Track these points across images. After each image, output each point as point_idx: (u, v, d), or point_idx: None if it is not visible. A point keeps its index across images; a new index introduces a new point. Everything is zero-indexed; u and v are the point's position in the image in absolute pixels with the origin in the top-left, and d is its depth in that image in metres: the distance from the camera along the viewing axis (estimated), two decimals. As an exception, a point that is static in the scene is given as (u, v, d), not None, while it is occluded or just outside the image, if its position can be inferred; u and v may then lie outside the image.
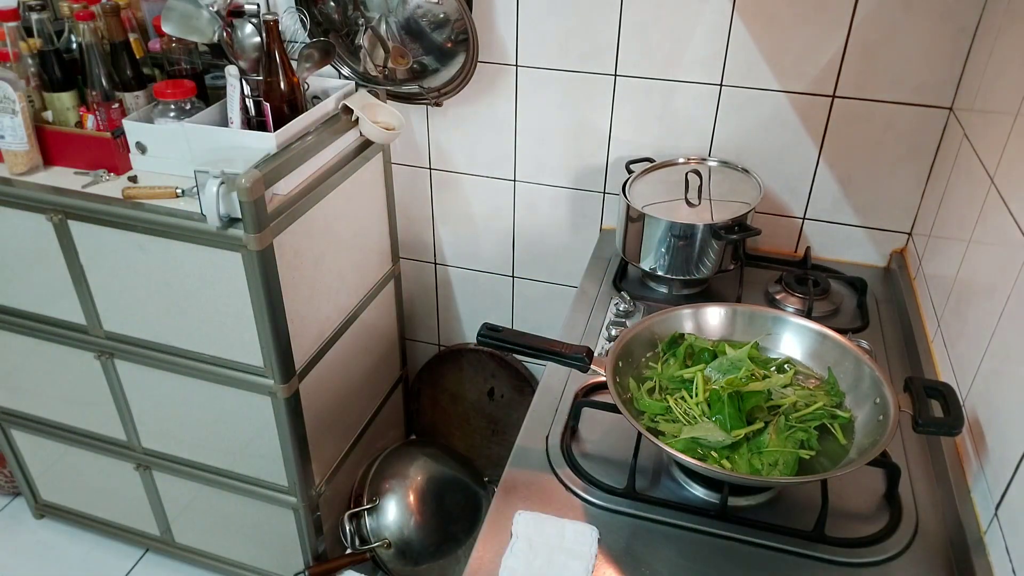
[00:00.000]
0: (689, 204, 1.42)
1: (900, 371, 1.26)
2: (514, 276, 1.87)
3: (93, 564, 2.05)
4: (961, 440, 1.06)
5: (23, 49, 1.50)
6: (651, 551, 0.95)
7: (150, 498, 1.89)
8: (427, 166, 1.78)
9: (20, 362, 1.76)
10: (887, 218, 1.51)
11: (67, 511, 2.08)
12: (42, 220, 1.47)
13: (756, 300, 1.43)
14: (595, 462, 1.08)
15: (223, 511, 1.81)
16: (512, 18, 1.53)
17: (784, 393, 1.04)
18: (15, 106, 1.44)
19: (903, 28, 1.32)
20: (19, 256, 1.57)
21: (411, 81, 1.61)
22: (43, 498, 2.10)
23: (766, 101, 1.46)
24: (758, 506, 1.01)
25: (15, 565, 2.06)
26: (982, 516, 0.95)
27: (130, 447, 1.79)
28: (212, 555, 1.96)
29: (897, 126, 1.41)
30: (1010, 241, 0.99)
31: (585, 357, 1.03)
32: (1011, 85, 1.09)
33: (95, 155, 1.52)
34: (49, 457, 1.95)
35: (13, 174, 1.50)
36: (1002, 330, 0.98)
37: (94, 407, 1.74)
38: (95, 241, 1.47)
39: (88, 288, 1.54)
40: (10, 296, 1.65)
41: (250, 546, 1.86)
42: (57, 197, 1.44)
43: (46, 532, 2.14)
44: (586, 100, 1.57)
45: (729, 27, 1.41)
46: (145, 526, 1.98)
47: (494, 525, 0.98)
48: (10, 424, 1.91)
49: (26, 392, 1.82)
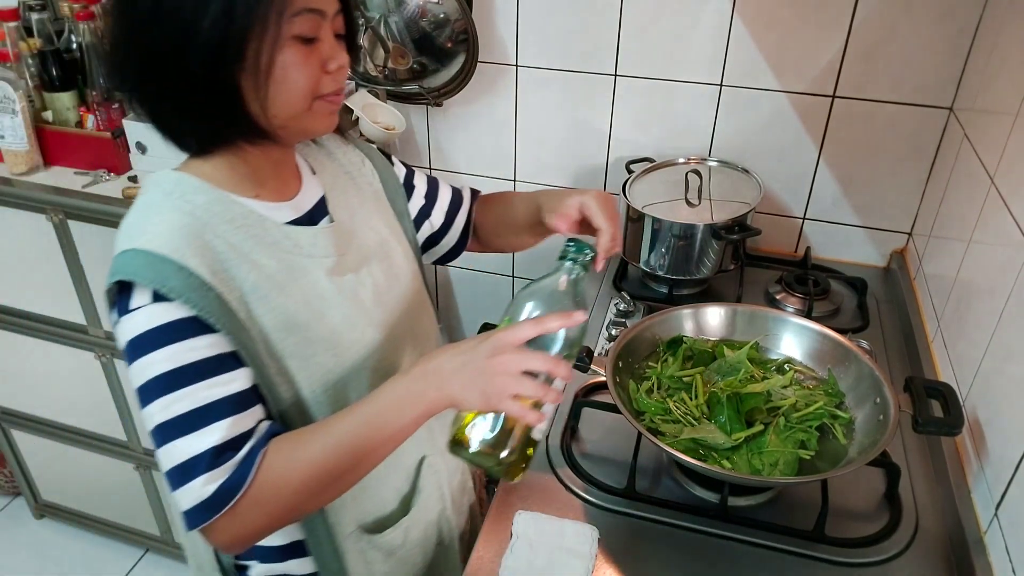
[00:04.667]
0: (689, 204, 1.42)
1: (900, 371, 1.26)
2: (514, 276, 1.87)
3: (93, 564, 2.05)
4: (961, 440, 1.06)
5: (23, 49, 1.50)
6: (651, 551, 0.95)
7: (150, 498, 1.89)
8: (427, 166, 1.78)
9: (20, 362, 1.76)
10: (887, 218, 1.51)
11: (67, 511, 2.08)
12: (42, 220, 1.47)
13: (756, 300, 1.43)
14: (595, 462, 1.08)
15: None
16: (512, 18, 1.53)
17: (784, 394, 1.04)
18: (15, 106, 1.44)
19: (903, 28, 1.32)
20: (19, 256, 1.57)
21: (411, 81, 1.61)
22: (43, 498, 2.10)
23: (766, 101, 1.46)
24: (758, 506, 1.01)
25: (15, 565, 2.06)
26: (982, 516, 0.95)
27: (130, 447, 1.79)
28: (212, 555, 1.96)
29: (897, 126, 1.41)
30: (1010, 241, 0.99)
31: (585, 357, 1.03)
32: (1011, 85, 1.09)
33: (95, 155, 1.52)
34: (49, 457, 1.95)
35: (13, 174, 1.50)
36: (1002, 330, 0.98)
37: (94, 407, 1.74)
38: (95, 241, 1.47)
39: (88, 288, 1.54)
40: (10, 296, 1.65)
41: (250, 546, 1.86)
42: (57, 197, 1.44)
43: (46, 532, 2.14)
44: (586, 100, 1.57)
45: (729, 27, 1.41)
46: (145, 526, 1.98)
47: (494, 525, 0.98)
48: (10, 424, 1.91)
49: (26, 392, 1.82)
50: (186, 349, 0.73)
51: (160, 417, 0.72)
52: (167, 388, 0.72)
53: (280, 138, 0.81)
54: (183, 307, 0.73)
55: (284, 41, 0.74)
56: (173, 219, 0.76)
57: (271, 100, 0.76)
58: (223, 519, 0.72)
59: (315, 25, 0.76)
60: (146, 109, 0.79)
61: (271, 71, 0.74)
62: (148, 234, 0.75)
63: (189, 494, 0.72)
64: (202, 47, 0.72)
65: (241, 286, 0.77)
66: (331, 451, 0.75)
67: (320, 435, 0.76)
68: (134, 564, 2.05)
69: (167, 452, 0.73)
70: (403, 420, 0.75)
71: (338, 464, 0.75)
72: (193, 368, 0.73)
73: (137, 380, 0.74)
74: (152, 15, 0.72)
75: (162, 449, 0.73)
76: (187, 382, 0.72)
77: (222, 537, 0.75)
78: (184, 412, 0.72)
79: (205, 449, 0.72)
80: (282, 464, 0.74)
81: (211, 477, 0.72)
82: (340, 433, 0.75)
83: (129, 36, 0.74)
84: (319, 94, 0.79)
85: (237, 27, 0.71)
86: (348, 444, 0.75)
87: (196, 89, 0.74)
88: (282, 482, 0.74)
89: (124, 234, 0.77)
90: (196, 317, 0.73)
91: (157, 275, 0.72)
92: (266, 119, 0.78)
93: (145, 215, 0.78)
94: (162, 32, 0.72)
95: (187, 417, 0.72)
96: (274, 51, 0.74)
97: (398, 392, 0.76)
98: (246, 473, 0.72)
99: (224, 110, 0.76)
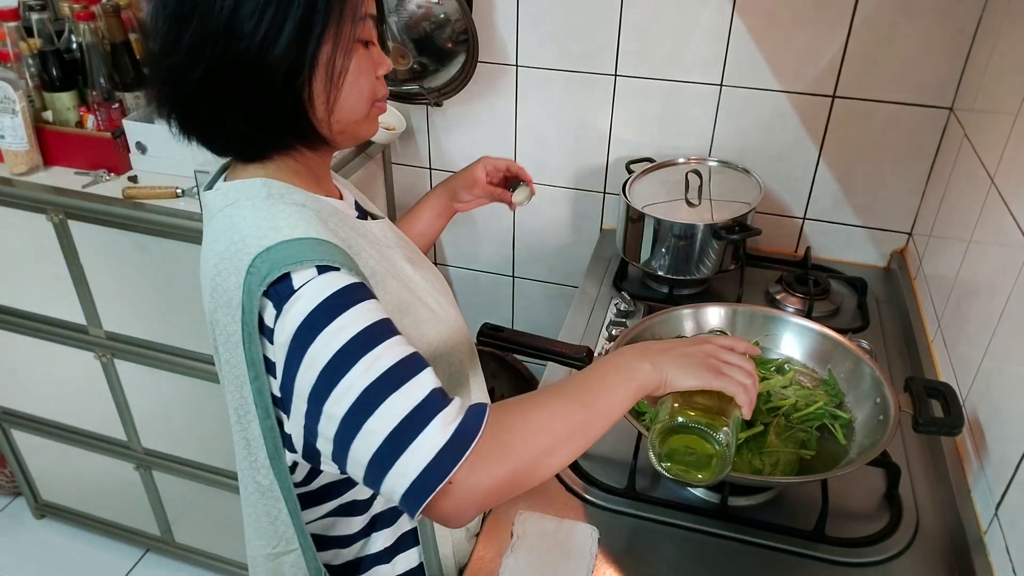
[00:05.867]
0: (689, 204, 1.42)
1: (900, 371, 1.26)
2: (514, 276, 1.87)
3: (93, 564, 2.05)
4: (961, 440, 1.06)
5: (23, 49, 1.50)
6: (651, 551, 0.95)
7: (150, 498, 1.89)
8: (427, 166, 1.78)
9: (20, 362, 1.76)
10: (887, 218, 1.51)
11: (67, 511, 2.08)
12: (42, 220, 1.47)
13: (756, 300, 1.43)
14: (595, 462, 1.08)
15: (223, 511, 1.81)
16: (512, 18, 1.53)
17: (784, 394, 1.04)
18: (15, 106, 1.44)
19: (903, 28, 1.32)
20: (19, 256, 1.57)
21: (411, 81, 1.61)
22: (43, 498, 2.10)
23: (766, 101, 1.46)
24: (758, 506, 1.01)
25: (15, 565, 2.06)
26: (982, 516, 0.95)
27: (130, 447, 1.79)
28: (212, 555, 1.96)
29: (897, 126, 1.41)
30: (1010, 241, 0.99)
31: (585, 357, 1.03)
32: (1011, 85, 1.09)
33: (95, 155, 1.52)
34: (49, 457, 1.95)
35: (13, 174, 1.50)
36: (1002, 330, 0.98)
37: (94, 407, 1.74)
38: (95, 241, 1.47)
39: (88, 288, 1.54)
40: (10, 296, 1.65)
41: (250, 546, 1.86)
42: (57, 197, 1.44)
43: (46, 532, 2.14)
44: (586, 100, 1.57)
45: (729, 27, 1.41)
46: (145, 526, 1.98)
47: (494, 525, 0.98)
48: (10, 424, 1.91)
49: (26, 392, 1.82)
50: (368, 309, 0.70)
51: (364, 380, 0.66)
52: (367, 346, 0.67)
53: (337, 143, 0.81)
54: (351, 275, 0.71)
55: (353, 46, 0.75)
56: (297, 211, 0.74)
57: (339, 106, 0.76)
58: (464, 467, 0.65)
59: (371, 30, 0.78)
60: (200, 120, 0.76)
61: (344, 76, 0.75)
62: (285, 227, 0.72)
63: (424, 446, 0.65)
64: (282, 55, 0.70)
65: (364, 271, 0.77)
66: (558, 410, 0.72)
67: (541, 396, 0.73)
68: (134, 564, 2.05)
69: (382, 415, 0.66)
70: (622, 390, 0.74)
71: (565, 423, 0.71)
72: (382, 325, 0.70)
73: (327, 352, 0.67)
74: (228, 25, 0.69)
75: (373, 417, 0.66)
76: (384, 337, 0.69)
77: (457, 498, 0.66)
78: (391, 365, 0.67)
79: (430, 391, 0.67)
80: (511, 411, 0.70)
81: (447, 417, 0.66)
82: (562, 395, 0.73)
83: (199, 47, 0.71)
84: (377, 98, 0.81)
85: (316, 33, 0.71)
86: (571, 406, 0.72)
87: (270, 97, 0.73)
88: (516, 427, 0.69)
89: (252, 237, 0.72)
90: (363, 284, 0.72)
91: (321, 253, 0.70)
92: (328, 125, 0.77)
93: (266, 217, 0.74)
94: (238, 41, 0.70)
95: (396, 369, 0.67)
96: (347, 56, 0.74)
97: (615, 364, 0.76)
98: (480, 412, 0.68)
99: (291, 117, 0.75)
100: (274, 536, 0.84)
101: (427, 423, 0.65)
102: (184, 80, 0.73)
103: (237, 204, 0.76)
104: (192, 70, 0.71)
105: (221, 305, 0.74)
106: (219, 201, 0.78)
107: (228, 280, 0.72)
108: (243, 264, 0.71)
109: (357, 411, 0.66)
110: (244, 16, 0.69)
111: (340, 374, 0.66)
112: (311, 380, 0.68)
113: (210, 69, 0.71)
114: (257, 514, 0.84)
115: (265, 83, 0.72)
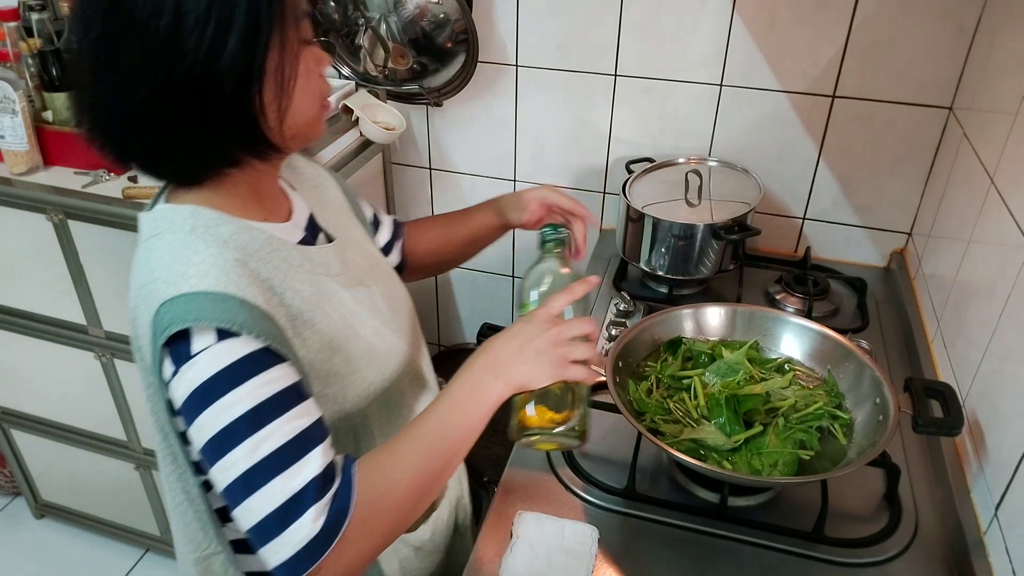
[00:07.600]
0: (689, 204, 1.42)
1: (900, 371, 1.26)
2: (514, 276, 1.87)
3: (93, 564, 2.05)
4: (961, 440, 1.06)
5: (23, 49, 1.50)
6: (651, 551, 0.95)
7: (150, 498, 1.88)
8: (427, 166, 1.78)
9: (20, 362, 1.76)
10: (887, 218, 1.51)
11: (67, 511, 2.08)
12: (42, 220, 1.47)
13: (756, 300, 1.43)
14: (595, 462, 1.08)
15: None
16: (512, 18, 1.53)
17: (783, 394, 1.04)
18: (15, 106, 1.44)
19: (903, 28, 1.32)
20: (19, 256, 1.57)
21: (411, 81, 1.61)
22: (43, 498, 2.10)
23: (766, 101, 1.46)
24: (758, 506, 1.01)
25: (15, 565, 2.06)
26: (982, 516, 0.95)
27: (130, 447, 1.79)
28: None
29: (897, 126, 1.41)
30: (1010, 241, 0.99)
31: (585, 357, 1.03)
32: (1011, 85, 1.08)
33: (95, 155, 1.51)
34: (49, 457, 1.95)
35: (13, 174, 1.50)
36: (1002, 330, 0.98)
37: (94, 407, 1.74)
38: (95, 241, 1.47)
39: (88, 288, 1.54)
40: (10, 296, 1.65)
41: (250, 546, 1.86)
42: (57, 197, 1.44)
43: (46, 532, 2.14)
44: (586, 100, 1.57)
45: (729, 27, 1.41)
46: (145, 526, 1.98)
47: (494, 525, 0.98)
48: (10, 424, 1.91)
49: (26, 392, 1.82)
50: (265, 382, 0.68)
51: (247, 462, 0.66)
52: (254, 427, 0.66)
53: (289, 148, 0.79)
54: (254, 340, 0.68)
55: (300, 48, 0.72)
56: (214, 254, 0.71)
57: (291, 110, 0.73)
58: (333, 554, 0.66)
59: (309, 27, 0.75)
60: (143, 144, 0.73)
61: (295, 81, 0.72)
62: (194, 275, 0.69)
63: (295, 536, 0.66)
64: (229, 68, 0.67)
65: (288, 312, 0.75)
66: (422, 455, 0.73)
67: (404, 444, 0.73)
68: (134, 564, 2.05)
69: (260, 499, 0.66)
70: (477, 413, 0.75)
71: (430, 466, 0.73)
72: (276, 400, 0.68)
73: (212, 428, 0.67)
74: (169, 42, 0.65)
75: (252, 498, 0.66)
76: (274, 416, 0.67)
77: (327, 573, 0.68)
78: (276, 448, 0.67)
79: (309, 480, 0.67)
80: (379, 478, 0.70)
81: (319, 509, 0.66)
82: (423, 437, 0.74)
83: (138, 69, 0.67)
84: (325, 96, 0.78)
85: (262, 41, 0.68)
86: (434, 445, 0.73)
87: (219, 113, 0.69)
88: (385, 496, 0.70)
89: (163, 281, 0.69)
90: (268, 348, 0.69)
91: (222, 313, 0.67)
92: (280, 132, 0.74)
93: (180, 256, 0.71)
94: (182, 58, 0.66)
95: (281, 453, 0.67)
96: (296, 60, 0.72)
97: (466, 388, 0.76)
98: (348, 496, 0.68)
99: (242, 129, 0.72)
100: (204, 539, 0.84)
101: (300, 515, 0.66)
102: (123, 106, 0.69)
103: (160, 236, 0.74)
104: (132, 94, 0.68)
105: (138, 335, 0.73)
106: (147, 229, 0.76)
107: (142, 317, 0.71)
108: (152, 308, 0.69)
109: (239, 487, 0.67)
110: (185, 31, 0.65)
111: (224, 451, 0.67)
112: (200, 443, 0.69)
113: (153, 90, 0.67)
114: (187, 520, 0.83)
115: (213, 98, 0.68)
